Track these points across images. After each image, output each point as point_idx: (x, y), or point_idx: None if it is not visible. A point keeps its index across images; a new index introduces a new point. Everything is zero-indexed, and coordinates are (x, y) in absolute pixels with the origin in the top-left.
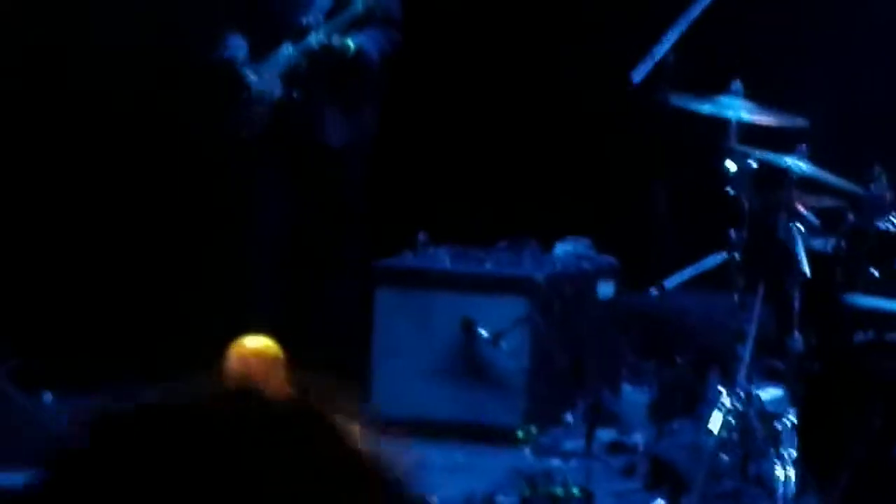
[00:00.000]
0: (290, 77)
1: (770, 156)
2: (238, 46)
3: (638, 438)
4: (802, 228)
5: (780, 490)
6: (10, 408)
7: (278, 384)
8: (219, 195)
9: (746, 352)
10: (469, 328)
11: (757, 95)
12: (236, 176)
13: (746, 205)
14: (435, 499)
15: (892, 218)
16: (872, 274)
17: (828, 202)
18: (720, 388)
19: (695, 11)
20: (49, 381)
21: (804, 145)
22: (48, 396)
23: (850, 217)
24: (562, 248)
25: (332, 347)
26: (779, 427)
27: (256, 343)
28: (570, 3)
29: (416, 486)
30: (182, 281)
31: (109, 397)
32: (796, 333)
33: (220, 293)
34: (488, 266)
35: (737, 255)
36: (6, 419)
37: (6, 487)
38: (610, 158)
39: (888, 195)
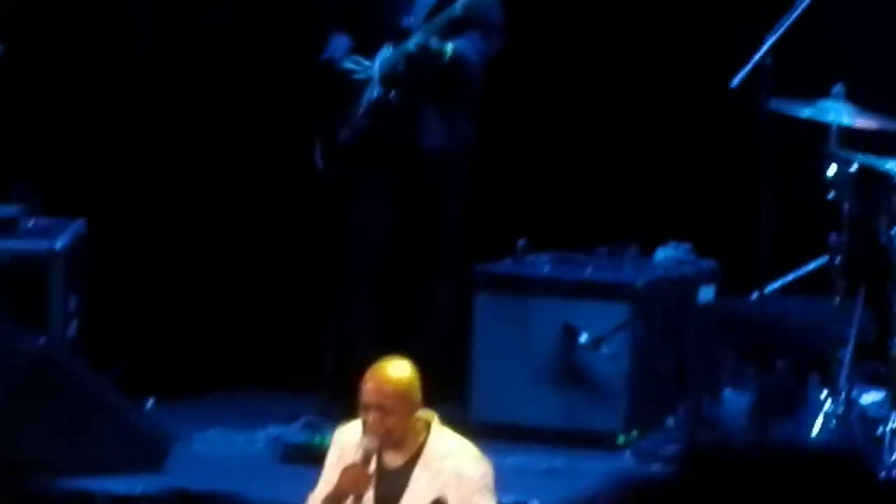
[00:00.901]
0: (389, 78)
1: (872, 160)
2: (340, 47)
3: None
4: None
5: None
6: (115, 414)
7: (410, 410)
8: (319, 199)
9: (847, 356)
10: (570, 334)
11: (859, 99)
12: (336, 179)
13: (847, 209)
14: (536, 503)
15: None
16: None
17: None
18: (821, 392)
19: (794, 14)
20: (152, 388)
21: None
22: (151, 402)
23: None
24: (662, 253)
25: (431, 352)
26: (880, 431)
27: (393, 368)
28: (671, 8)
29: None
30: (282, 287)
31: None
32: None
33: (321, 299)
34: (588, 272)
35: (837, 260)
36: (111, 426)
37: (112, 493)
38: (711, 163)
39: None
